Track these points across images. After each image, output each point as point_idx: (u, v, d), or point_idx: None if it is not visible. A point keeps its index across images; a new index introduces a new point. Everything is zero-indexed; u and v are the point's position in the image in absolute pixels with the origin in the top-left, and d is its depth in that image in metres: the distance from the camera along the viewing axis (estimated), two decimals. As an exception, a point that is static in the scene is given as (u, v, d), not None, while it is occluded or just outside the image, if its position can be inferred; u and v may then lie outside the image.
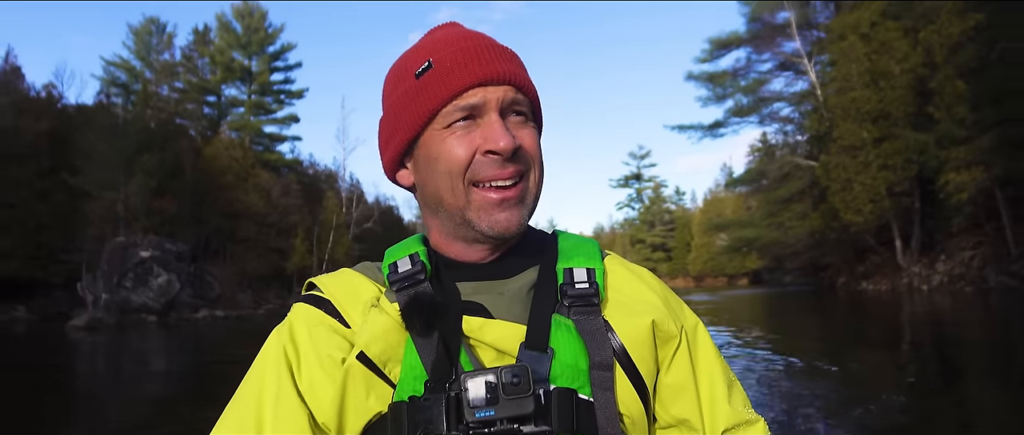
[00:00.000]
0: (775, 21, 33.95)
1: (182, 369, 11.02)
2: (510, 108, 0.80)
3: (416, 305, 0.77)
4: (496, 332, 0.77)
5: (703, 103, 45.97)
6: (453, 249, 0.85)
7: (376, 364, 0.75)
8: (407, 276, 0.81)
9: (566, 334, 0.77)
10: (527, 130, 0.81)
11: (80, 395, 8.23)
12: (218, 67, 53.16)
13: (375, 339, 0.76)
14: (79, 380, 9.97)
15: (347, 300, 0.81)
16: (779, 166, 33.61)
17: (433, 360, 0.74)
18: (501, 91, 0.78)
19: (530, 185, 0.82)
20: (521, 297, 0.81)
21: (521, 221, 0.80)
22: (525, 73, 0.83)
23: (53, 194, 33.74)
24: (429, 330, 0.76)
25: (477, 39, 0.82)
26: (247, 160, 49.34)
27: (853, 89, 24.67)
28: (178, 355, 13.69)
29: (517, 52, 0.86)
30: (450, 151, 0.78)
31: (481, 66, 0.78)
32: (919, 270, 23.06)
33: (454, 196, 0.80)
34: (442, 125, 0.79)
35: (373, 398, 0.75)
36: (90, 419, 6.55)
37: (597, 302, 0.80)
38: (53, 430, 5.96)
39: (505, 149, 0.76)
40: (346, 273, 0.87)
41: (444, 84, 0.78)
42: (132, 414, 6.75)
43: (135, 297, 21.79)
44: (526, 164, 0.81)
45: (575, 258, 0.85)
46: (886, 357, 8.58)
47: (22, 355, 13.48)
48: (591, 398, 0.74)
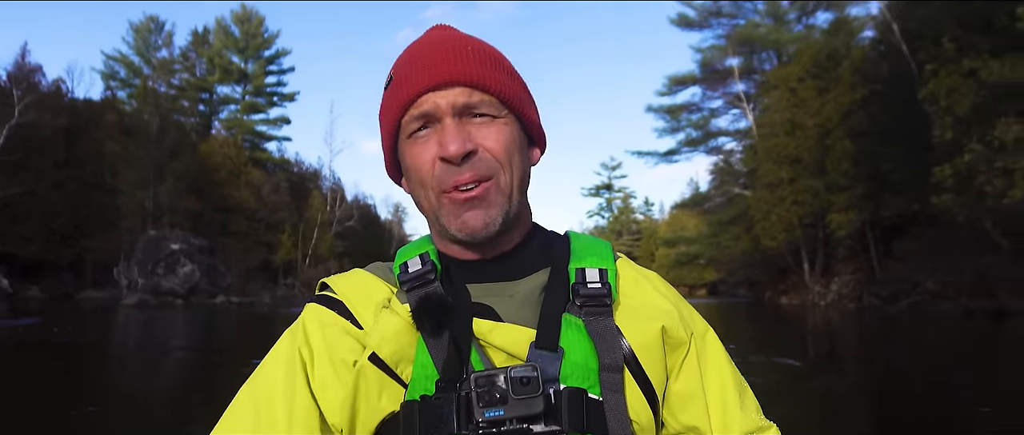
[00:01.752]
0: (724, 66, 38.83)
1: (238, 333, 14.95)
2: (466, 110, 0.78)
3: (427, 305, 0.77)
4: (505, 335, 0.76)
5: (659, 133, 50.84)
6: (452, 249, 0.85)
7: (388, 365, 0.76)
8: (418, 276, 0.80)
9: (577, 334, 0.76)
10: (492, 129, 0.79)
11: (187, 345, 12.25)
12: (216, 68, 56.52)
13: (387, 340, 0.76)
14: (177, 338, 13.92)
15: (359, 301, 0.81)
16: (722, 193, 38.49)
17: (444, 360, 0.74)
18: (452, 94, 0.77)
19: (500, 186, 0.79)
20: (531, 300, 0.80)
21: (488, 222, 0.78)
22: (486, 71, 0.79)
23: (66, 184, 37.20)
24: (440, 330, 0.75)
25: (438, 44, 0.81)
26: (240, 158, 52.60)
27: (775, 135, 29.46)
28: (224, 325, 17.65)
29: (498, 48, 0.85)
30: (415, 162, 0.79)
31: (429, 72, 0.78)
32: (819, 288, 27.94)
33: (428, 204, 0.81)
34: (406, 135, 0.80)
35: (386, 398, 0.75)
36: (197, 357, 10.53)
37: (609, 303, 0.79)
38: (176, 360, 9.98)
39: (454, 154, 0.75)
40: (358, 274, 0.87)
41: (399, 95, 0.79)
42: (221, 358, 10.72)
43: (164, 283, 25.60)
44: (488, 167, 0.78)
45: (588, 258, 0.83)
46: (766, 345, 12.44)
47: (108, 326, 17.30)
48: (601, 398, 0.73)
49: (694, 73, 40.15)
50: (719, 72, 39.10)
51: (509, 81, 0.82)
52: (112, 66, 55.22)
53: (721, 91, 40.40)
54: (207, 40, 58.53)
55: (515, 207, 0.81)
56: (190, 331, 16.34)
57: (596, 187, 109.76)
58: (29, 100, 35.71)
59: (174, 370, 9.56)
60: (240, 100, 58.65)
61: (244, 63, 58.05)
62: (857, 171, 22.83)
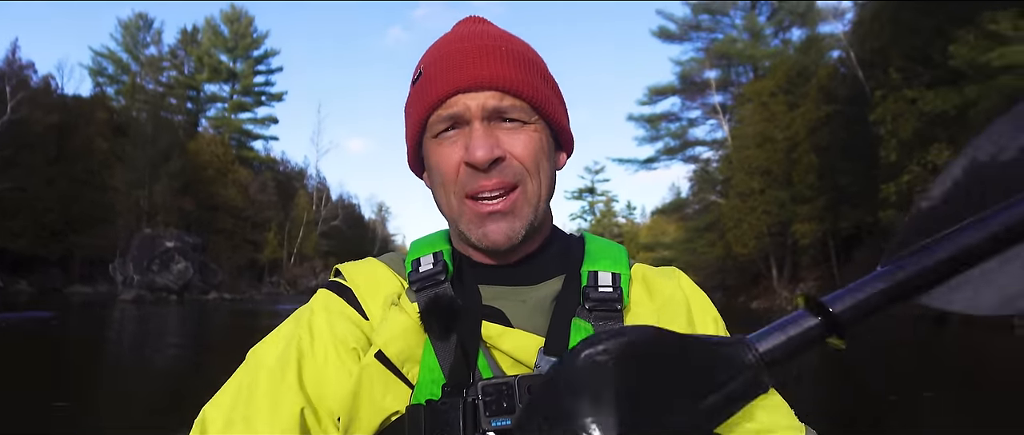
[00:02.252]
0: (702, 78, 40.35)
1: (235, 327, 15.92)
2: (496, 115, 0.76)
3: (435, 308, 0.75)
4: (513, 341, 0.75)
5: (639, 142, 52.35)
6: (468, 250, 0.83)
7: (394, 364, 0.74)
8: (428, 276, 0.79)
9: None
10: (520, 137, 0.77)
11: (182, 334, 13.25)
12: (205, 67, 57.10)
13: (394, 339, 0.75)
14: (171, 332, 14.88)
15: (369, 291, 0.81)
16: (698, 200, 39.98)
17: (451, 364, 0.73)
18: (483, 97, 0.75)
19: (528, 195, 0.77)
20: (544, 307, 0.79)
21: (511, 234, 0.76)
22: (520, 74, 0.77)
23: (58, 181, 37.74)
24: (447, 334, 0.74)
25: (470, 41, 0.79)
26: (227, 157, 53.22)
27: (748, 147, 30.96)
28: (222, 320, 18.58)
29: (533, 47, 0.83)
30: (439, 163, 0.77)
31: (461, 73, 0.75)
32: (786, 293, 29.47)
33: (449, 207, 0.79)
34: (432, 134, 0.78)
35: (390, 398, 0.74)
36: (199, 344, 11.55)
37: (620, 309, 0.76)
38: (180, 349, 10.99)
39: (480, 161, 0.73)
40: (371, 263, 0.86)
41: (427, 94, 0.77)
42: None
43: (159, 279, 26.45)
44: (515, 175, 0.76)
45: (601, 261, 0.81)
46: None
47: (108, 322, 18.19)
48: None
49: (674, 84, 41.62)
50: (697, 84, 40.63)
51: (542, 84, 0.80)
52: (100, 62, 55.59)
53: (699, 101, 41.97)
54: (196, 39, 59.07)
55: (540, 217, 0.80)
56: (196, 327, 17.32)
57: (579, 190, 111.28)
58: (21, 97, 36.29)
59: (197, 362, 10.56)
60: (228, 99, 59.29)
61: (233, 62, 58.68)
62: (820, 184, 24.38)
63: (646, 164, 43.10)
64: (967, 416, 6.36)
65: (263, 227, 53.34)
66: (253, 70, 59.48)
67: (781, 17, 38.08)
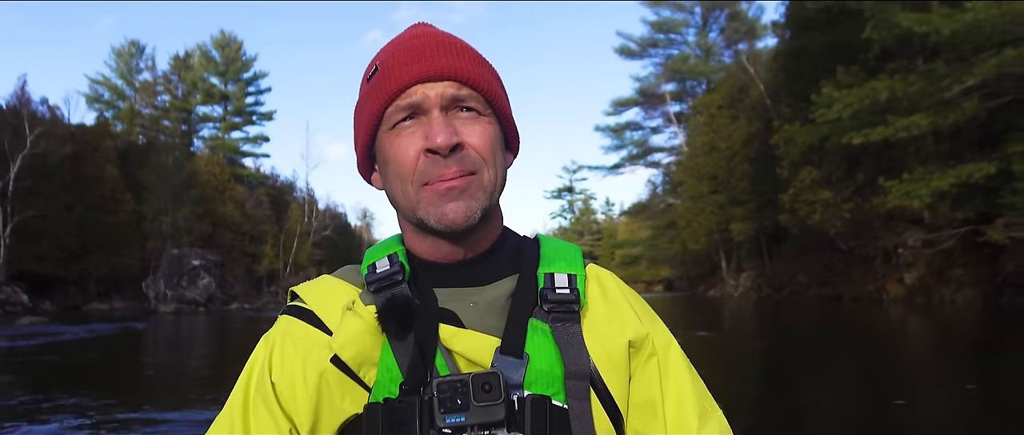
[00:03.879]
0: (660, 91, 44.76)
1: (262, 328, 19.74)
2: (454, 104, 0.77)
3: (392, 307, 0.76)
4: (466, 342, 0.76)
5: (606, 150, 56.69)
6: (422, 248, 0.83)
7: (350, 368, 0.76)
8: (385, 276, 0.80)
9: (542, 339, 0.75)
10: (476, 126, 0.78)
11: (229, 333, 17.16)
12: (199, 91, 60.46)
13: (349, 342, 0.76)
14: (234, 331, 18.71)
15: (327, 308, 0.81)
16: (659, 201, 44.38)
17: (408, 363, 0.74)
18: (441, 87, 0.76)
19: (483, 183, 0.78)
20: (496, 308, 0.79)
21: (469, 213, 0.76)
22: (475, 67, 0.79)
23: (74, 206, 41.08)
24: (405, 333, 0.75)
25: (425, 37, 0.81)
26: (224, 175, 56.63)
27: (698, 155, 35.30)
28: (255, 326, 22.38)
29: (477, 48, 0.84)
30: (396, 153, 0.78)
31: (420, 63, 0.77)
32: (733, 282, 33.85)
33: (405, 197, 0.79)
34: (388, 126, 0.79)
35: (348, 401, 0.76)
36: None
37: (577, 310, 0.77)
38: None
39: (441, 145, 0.74)
40: (325, 280, 0.87)
41: (385, 85, 0.78)
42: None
43: (188, 294, 30.17)
44: (473, 163, 0.77)
45: (557, 263, 0.82)
46: (691, 325, 18.08)
47: (184, 327, 21.93)
48: (566, 406, 0.72)
49: (635, 96, 46.01)
50: (656, 96, 45.02)
51: (493, 80, 0.82)
52: (97, 89, 58.85)
53: (659, 111, 46.38)
54: (189, 63, 62.38)
55: (493, 206, 0.81)
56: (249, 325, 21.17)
57: (558, 189, 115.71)
58: (39, 131, 39.69)
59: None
60: (221, 120, 62.67)
61: (225, 85, 62.10)
62: (752, 189, 28.69)
63: (613, 170, 47.50)
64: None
65: (260, 240, 56.82)
66: (244, 92, 62.93)
67: (730, 33, 42.54)
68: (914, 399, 6.54)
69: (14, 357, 12.61)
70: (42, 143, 39.28)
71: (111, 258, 40.59)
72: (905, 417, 5.71)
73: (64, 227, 40.53)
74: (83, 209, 41.90)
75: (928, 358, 10.13)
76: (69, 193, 41.31)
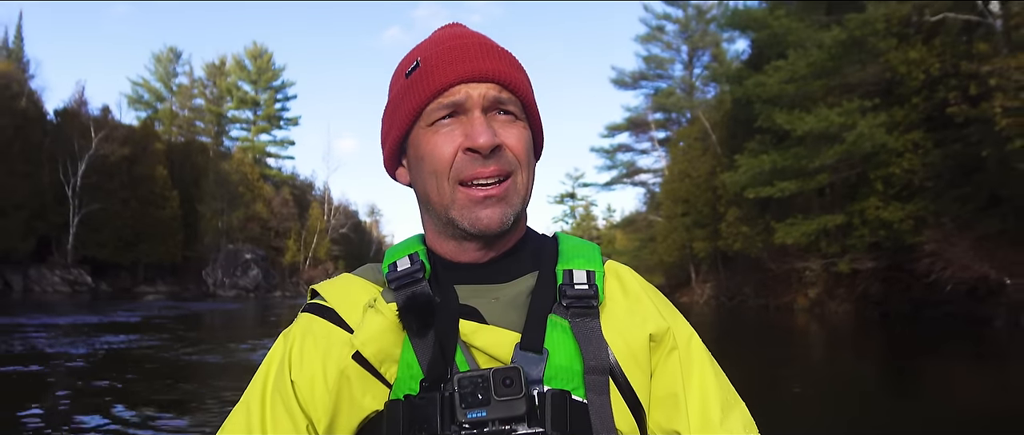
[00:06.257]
0: (648, 119, 50.51)
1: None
2: (495, 106, 0.79)
3: (413, 304, 0.77)
4: (488, 338, 0.77)
5: (599, 169, 62.42)
6: (446, 248, 0.85)
7: (372, 364, 0.77)
8: (406, 275, 0.81)
9: (562, 335, 0.76)
10: (514, 130, 0.80)
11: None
12: (232, 97, 66.50)
13: (371, 339, 0.77)
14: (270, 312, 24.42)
15: (348, 306, 0.82)
16: (643, 218, 50.11)
17: (429, 359, 0.74)
18: (484, 88, 0.78)
19: (518, 185, 0.80)
20: (517, 304, 0.80)
21: (503, 219, 0.79)
22: (515, 73, 0.82)
23: (131, 201, 47.05)
24: (426, 330, 0.76)
25: (468, 38, 0.83)
26: (254, 175, 62.55)
27: (674, 180, 40.92)
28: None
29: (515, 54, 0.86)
30: (434, 150, 0.79)
31: (465, 64, 0.78)
32: (700, 292, 39.53)
33: (439, 195, 0.80)
34: (427, 123, 0.80)
35: (369, 397, 0.77)
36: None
37: (595, 305, 0.78)
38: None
39: (484, 145, 0.76)
40: (345, 278, 0.88)
41: (428, 82, 0.79)
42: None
43: (241, 282, 36.18)
44: (510, 164, 0.79)
45: (576, 260, 0.83)
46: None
47: (260, 309, 27.67)
48: (585, 401, 0.73)
49: (625, 123, 51.82)
50: (644, 124, 50.80)
51: (529, 87, 0.85)
52: (138, 91, 64.90)
53: (648, 136, 52.08)
54: (223, 70, 68.39)
55: (524, 210, 0.83)
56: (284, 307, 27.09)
57: (561, 195, 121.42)
58: (103, 134, 45.76)
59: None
60: (252, 123, 68.68)
61: (256, 92, 68.11)
62: (711, 214, 34.31)
63: (606, 187, 53.21)
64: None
65: (284, 235, 62.77)
66: (274, 98, 68.90)
67: (708, 78, 48.27)
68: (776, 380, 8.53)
69: (188, 319, 18.15)
70: (104, 145, 45.30)
71: (158, 247, 46.64)
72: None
73: (122, 219, 46.56)
74: (137, 204, 47.95)
75: (798, 352, 15.11)
76: (126, 189, 47.33)
